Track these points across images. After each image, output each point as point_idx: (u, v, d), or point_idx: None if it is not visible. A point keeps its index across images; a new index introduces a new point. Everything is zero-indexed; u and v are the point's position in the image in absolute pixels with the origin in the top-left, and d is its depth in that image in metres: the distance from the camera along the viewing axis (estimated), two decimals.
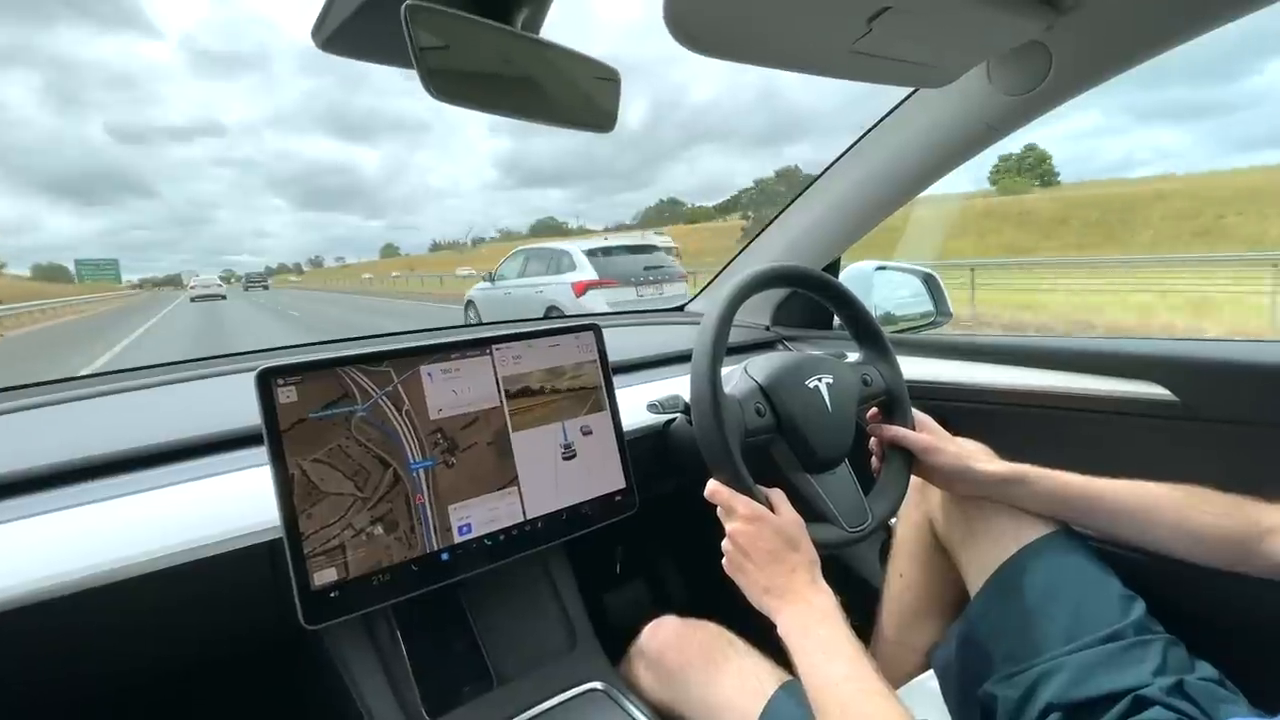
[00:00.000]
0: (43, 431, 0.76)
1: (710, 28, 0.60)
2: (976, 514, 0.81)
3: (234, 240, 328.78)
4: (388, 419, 0.70)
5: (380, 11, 0.50)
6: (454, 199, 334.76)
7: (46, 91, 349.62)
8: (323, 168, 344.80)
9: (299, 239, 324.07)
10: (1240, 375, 0.82)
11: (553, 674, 0.79)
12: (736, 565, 0.67)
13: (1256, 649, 0.74)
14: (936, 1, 0.60)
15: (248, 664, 0.84)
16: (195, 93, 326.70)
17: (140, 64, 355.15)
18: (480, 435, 0.76)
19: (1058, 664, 0.67)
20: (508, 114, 0.55)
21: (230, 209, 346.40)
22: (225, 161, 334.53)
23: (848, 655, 0.57)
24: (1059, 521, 0.77)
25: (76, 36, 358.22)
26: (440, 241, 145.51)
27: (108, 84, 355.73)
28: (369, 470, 0.68)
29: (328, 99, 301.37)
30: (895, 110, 1.04)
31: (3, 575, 0.55)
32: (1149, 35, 0.77)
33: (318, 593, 0.64)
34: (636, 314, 1.50)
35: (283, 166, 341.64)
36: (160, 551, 0.60)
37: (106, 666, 0.68)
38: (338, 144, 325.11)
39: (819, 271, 0.86)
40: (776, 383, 0.77)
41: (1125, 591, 0.73)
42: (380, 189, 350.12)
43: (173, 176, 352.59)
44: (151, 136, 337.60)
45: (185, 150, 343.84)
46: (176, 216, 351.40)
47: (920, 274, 1.35)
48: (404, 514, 0.70)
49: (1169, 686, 0.63)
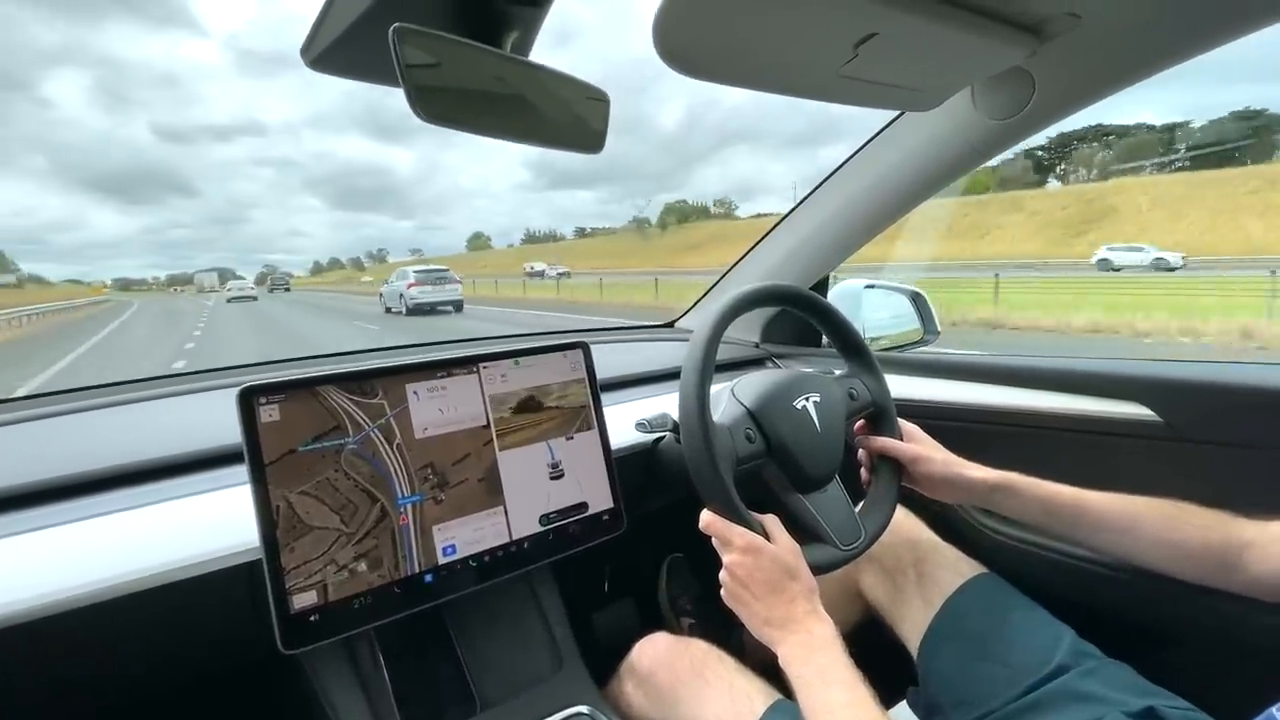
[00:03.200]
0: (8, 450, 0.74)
1: (699, 52, 0.61)
2: (900, 575, 0.86)
3: (268, 239, 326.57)
4: (378, 452, 0.69)
5: (369, 32, 0.50)
6: (483, 200, 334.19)
7: (96, 90, 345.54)
8: (357, 168, 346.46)
9: (331, 238, 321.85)
10: (1224, 397, 0.83)
11: (538, 698, 0.78)
12: (735, 597, 0.67)
13: (1214, 664, 0.75)
14: (922, 28, 0.61)
15: (225, 687, 0.82)
16: (238, 92, 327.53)
17: (186, 63, 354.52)
18: (471, 472, 0.75)
19: (1015, 708, 0.70)
20: (496, 135, 0.55)
21: (267, 208, 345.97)
22: (264, 161, 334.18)
23: (846, 681, 0.58)
24: (977, 566, 0.84)
25: (126, 34, 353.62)
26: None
27: (154, 83, 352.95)
28: (356, 505, 0.67)
29: (365, 99, 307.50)
30: (882, 132, 1.05)
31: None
32: (1131, 62, 0.78)
33: (297, 616, 0.62)
34: (624, 329, 1.50)
35: (319, 166, 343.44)
36: (136, 573, 0.59)
37: (78, 690, 0.67)
38: (373, 144, 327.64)
39: (807, 291, 0.86)
40: (765, 406, 0.77)
41: (1053, 621, 0.77)
42: (412, 189, 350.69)
43: (213, 176, 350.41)
44: (194, 136, 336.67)
45: (226, 150, 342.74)
46: (216, 215, 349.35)
47: (908, 292, 1.36)
48: (389, 550, 0.68)
49: (1139, 711, 0.64)
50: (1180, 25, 0.72)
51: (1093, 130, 55.03)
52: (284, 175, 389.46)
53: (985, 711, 0.72)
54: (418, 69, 0.46)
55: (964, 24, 0.62)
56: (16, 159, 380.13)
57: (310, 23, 0.53)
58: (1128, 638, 0.76)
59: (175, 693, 0.78)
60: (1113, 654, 0.73)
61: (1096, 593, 0.86)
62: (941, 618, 0.80)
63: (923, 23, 0.60)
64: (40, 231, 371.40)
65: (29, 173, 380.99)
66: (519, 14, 0.52)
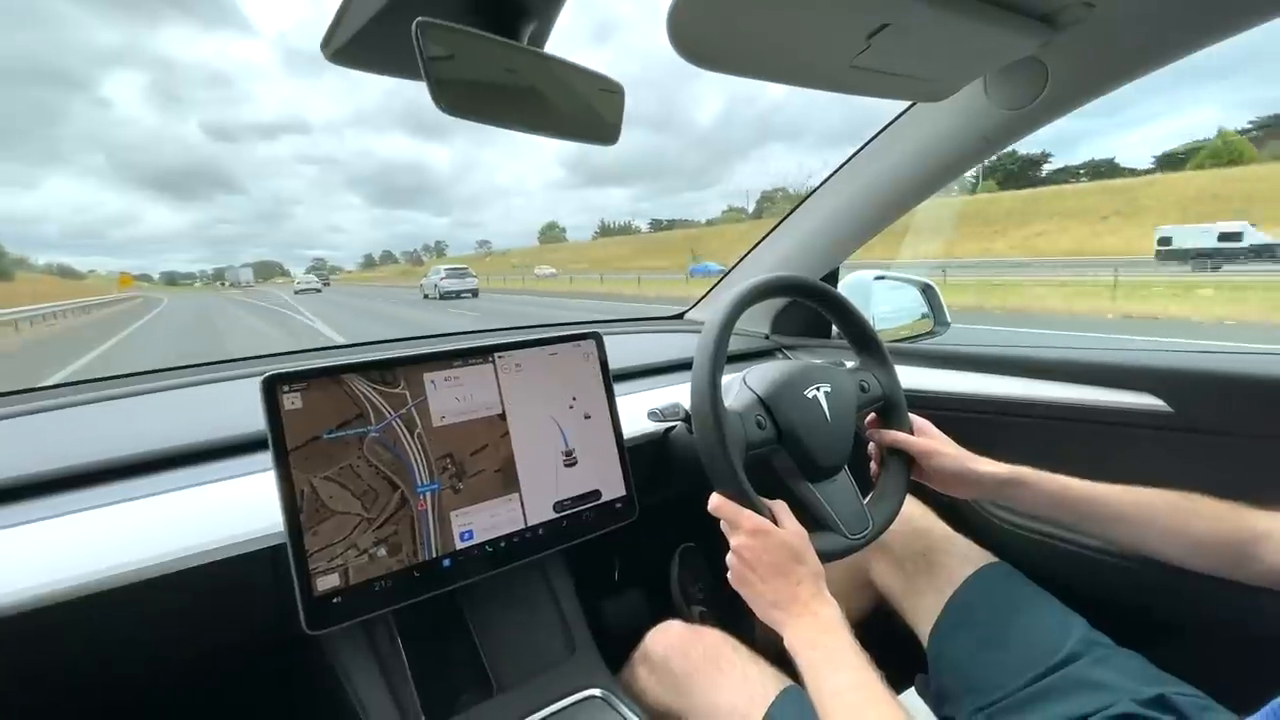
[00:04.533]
0: (41, 437, 0.76)
1: (712, 43, 0.61)
2: (911, 564, 0.86)
3: (309, 235, 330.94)
4: (399, 440, 0.70)
5: (389, 26, 0.51)
6: (519, 197, 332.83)
7: (151, 90, 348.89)
8: (396, 165, 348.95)
9: (369, 235, 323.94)
10: (1234, 387, 0.83)
11: (552, 681, 0.80)
12: (742, 579, 0.67)
13: (1227, 655, 0.75)
14: (935, 19, 0.61)
15: (247, 669, 0.84)
16: (285, 91, 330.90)
17: (236, 63, 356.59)
18: (488, 462, 0.76)
19: (1026, 695, 0.71)
20: (515, 127, 0.56)
21: (309, 205, 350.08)
22: (308, 159, 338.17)
23: (852, 665, 0.58)
24: (988, 555, 0.84)
25: (180, 35, 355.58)
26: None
27: (206, 83, 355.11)
28: (377, 491, 0.68)
29: (406, 97, 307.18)
30: (893, 123, 1.05)
31: (5, 580, 0.55)
32: (1144, 52, 0.78)
33: (320, 598, 0.64)
34: (636, 320, 1.51)
35: (360, 164, 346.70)
36: (162, 557, 0.60)
37: (103, 671, 0.69)
38: (413, 142, 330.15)
39: (817, 281, 0.87)
40: (776, 394, 0.78)
41: (1065, 610, 0.77)
42: (449, 186, 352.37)
43: (259, 173, 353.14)
44: (242, 134, 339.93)
45: (271, 148, 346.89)
46: (260, 212, 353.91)
47: (918, 284, 1.36)
48: (408, 536, 0.70)
49: (1149, 699, 0.64)
50: (1193, 15, 0.72)
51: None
52: (326, 173, 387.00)
53: (995, 699, 0.73)
54: (439, 61, 0.47)
55: (977, 14, 0.63)
56: (79, 157, 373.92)
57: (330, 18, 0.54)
58: (1139, 627, 0.77)
59: (199, 674, 0.80)
60: (1124, 643, 0.74)
61: (1108, 582, 0.86)
62: (952, 606, 0.81)
63: (936, 13, 0.60)
64: (99, 226, 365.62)
65: (89, 170, 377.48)
66: (536, 6, 0.52)
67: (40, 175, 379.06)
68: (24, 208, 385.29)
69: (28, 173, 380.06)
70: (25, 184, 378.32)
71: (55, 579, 0.56)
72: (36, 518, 0.61)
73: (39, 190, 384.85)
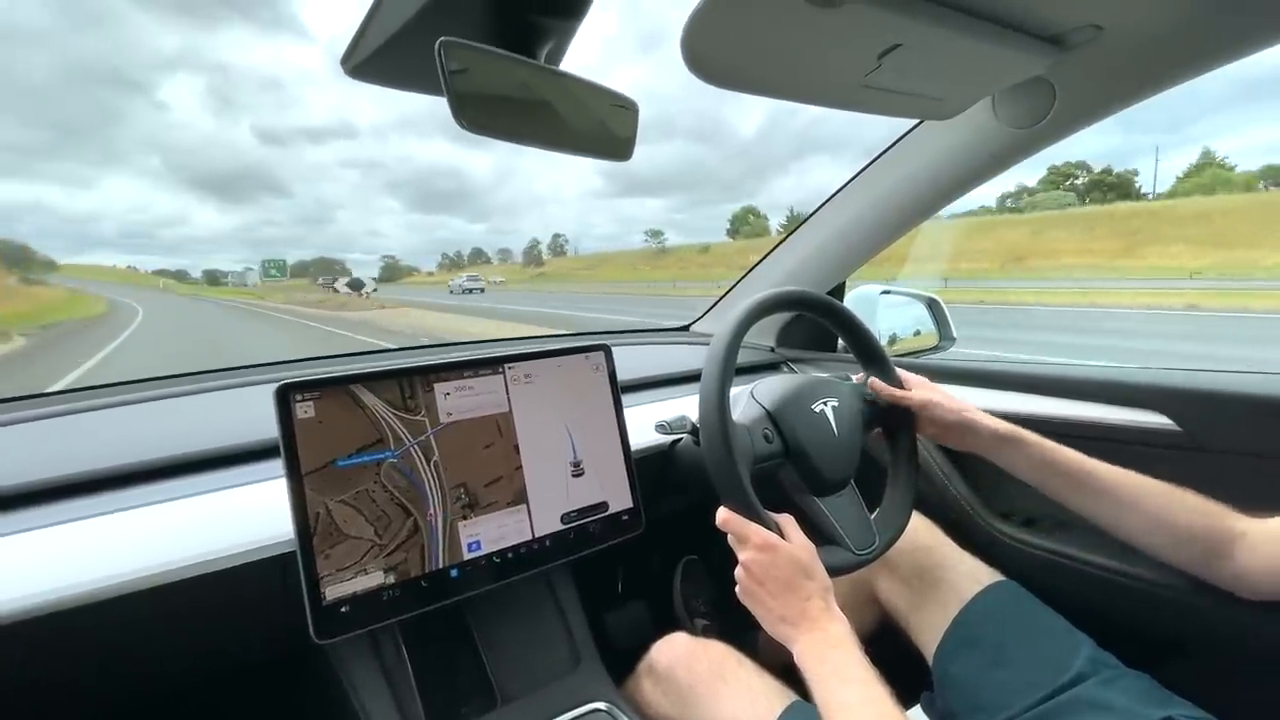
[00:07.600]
0: (51, 443, 0.77)
1: (725, 62, 0.62)
2: (917, 581, 0.86)
3: (349, 239, 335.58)
4: (416, 468, 0.71)
5: (409, 43, 0.52)
6: (555, 205, 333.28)
7: (207, 94, 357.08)
8: (437, 171, 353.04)
9: (405, 239, 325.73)
10: (1243, 406, 0.83)
11: (556, 693, 0.79)
12: (751, 594, 0.67)
13: (1234, 676, 0.75)
14: (946, 40, 0.62)
15: (251, 677, 0.84)
16: (334, 96, 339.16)
17: (289, 68, 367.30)
18: (502, 495, 0.76)
19: (1032, 716, 0.70)
20: (533, 144, 0.57)
21: (351, 209, 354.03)
22: (352, 163, 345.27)
23: (861, 679, 0.58)
24: (995, 573, 0.84)
25: (237, 39, 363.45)
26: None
27: (259, 87, 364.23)
28: (390, 517, 0.69)
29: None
30: (901, 140, 1.06)
31: (14, 585, 0.55)
32: (1152, 73, 0.79)
33: (329, 607, 0.64)
34: (644, 333, 1.51)
35: (401, 169, 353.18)
36: (169, 564, 0.61)
37: (108, 678, 0.69)
38: (454, 148, 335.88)
39: (824, 296, 0.87)
40: (783, 408, 0.78)
41: (1072, 630, 0.77)
42: (487, 193, 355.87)
43: (305, 177, 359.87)
44: (290, 138, 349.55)
45: (318, 152, 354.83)
46: (304, 215, 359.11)
47: (924, 299, 1.37)
48: (417, 565, 0.70)
49: None
50: (1202, 38, 0.72)
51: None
52: (368, 177, 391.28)
53: (1001, 718, 0.72)
54: (459, 78, 0.48)
55: (987, 35, 0.63)
56: (136, 159, 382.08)
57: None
58: (1146, 648, 0.76)
59: (205, 681, 0.80)
60: (1131, 664, 0.73)
61: (1115, 603, 0.86)
62: (958, 624, 0.80)
63: (946, 34, 0.61)
64: (151, 227, 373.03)
65: (145, 172, 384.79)
66: (554, 26, 0.53)
67: (97, 175, 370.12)
68: (81, 207, 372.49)
69: (87, 173, 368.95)
70: (82, 184, 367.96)
71: (67, 584, 0.56)
72: (50, 522, 0.61)
73: (95, 190, 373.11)
